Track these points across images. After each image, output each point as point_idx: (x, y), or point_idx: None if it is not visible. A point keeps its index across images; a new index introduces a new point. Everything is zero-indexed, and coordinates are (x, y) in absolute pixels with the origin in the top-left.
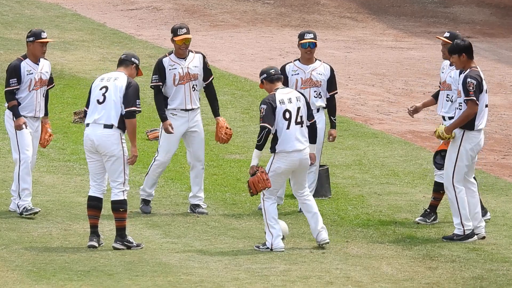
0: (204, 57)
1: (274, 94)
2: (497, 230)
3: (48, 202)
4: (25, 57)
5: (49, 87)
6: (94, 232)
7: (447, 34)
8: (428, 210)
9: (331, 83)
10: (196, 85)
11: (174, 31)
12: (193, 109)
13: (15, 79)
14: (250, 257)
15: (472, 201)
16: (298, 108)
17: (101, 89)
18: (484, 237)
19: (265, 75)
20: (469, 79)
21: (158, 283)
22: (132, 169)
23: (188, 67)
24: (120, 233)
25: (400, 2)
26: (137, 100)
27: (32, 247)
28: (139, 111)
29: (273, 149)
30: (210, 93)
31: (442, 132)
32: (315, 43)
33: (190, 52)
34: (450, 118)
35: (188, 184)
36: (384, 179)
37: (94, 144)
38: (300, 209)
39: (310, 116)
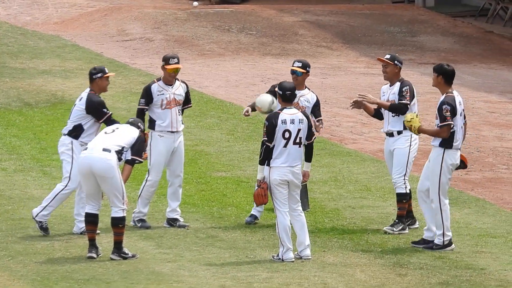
0: (187, 86)
1: (279, 113)
2: (461, 239)
3: (51, 217)
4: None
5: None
6: (93, 244)
7: (387, 56)
8: (396, 220)
9: (315, 112)
10: (179, 110)
11: (166, 60)
12: (178, 131)
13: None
14: (235, 266)
15: (444, 213)
16: (299, 130)
17: (112, 129)
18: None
19: (281, 92)
20: (444, 106)
21: None
22: (127, 186)
23: (174, 93)
24: (118, 246)
25: (371, 32)
26: (142, 153)
27: (36, 258)
28: (141, 162)
29: (268, 163)
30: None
31: (414, 127)
32: (301, 72)
33: (176, 80)
34: (399, 132)
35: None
36: (357, 193)
37: (90, 168)
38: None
39: (309, 136)
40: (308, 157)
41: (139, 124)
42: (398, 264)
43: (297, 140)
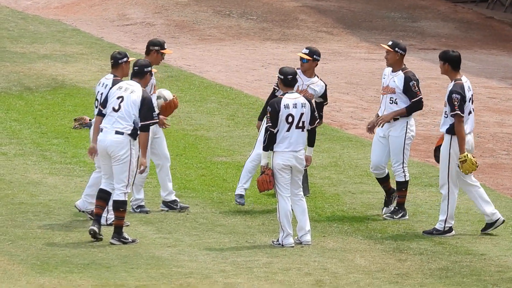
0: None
1: (281, 98)
2: (461, 225)
3: (51, 201)
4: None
5: None
6: (97, 220)
7: (390, 43)
8: (397, 207)
9: (323, 100)
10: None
11: (161, 45)
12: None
13: None
14: (235, 251)
15: (478, 193)
16: (301, 114)
17: (118, 98)
18: (503, 221)
19: (282, 76)
20: (453, 95)
21: (151, 274)
22: None
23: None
24: (118, 231)
25: (371, 18)
26: (153, 113)
27: (36, 242)
28: (157, 122)
29: (272, 148)
30: None
31: (465, 168)
32: (307, 59)
33: None
34: (395, 119)
35: (178, 184)
36: (357, 179)
37: (105, 149)
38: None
39: (312, 121)
40: (311, 142)
41: (145, 69)
42: (398, 249)
43: (300, 124)
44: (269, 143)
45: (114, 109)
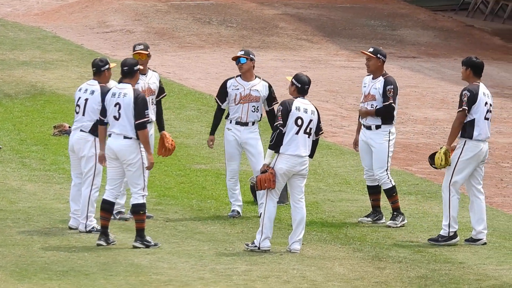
0: (159, 75)
1: (293, 100)
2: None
3: (30, 208)
4: None
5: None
6: (104, 232)
7: (370, 49)
8: (395, 213)
9: (269, 100)
10: (153, 99)
11: (133, 47)
12: (153, 121)
13: None
14: (214, 258)
15: (478, 207)
16: (310, 120)
17: (115, 105)
18: (485, 243)
19: (299, 85)
20: (464, 91)
21: (130, 282)
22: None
23: (148, 83)
24: (140, 234)
25: (351, 26)
26: (145, 111)
27: (15, 249)
28: (149, 120)
29: (277, 150)
30: (158, 109)
31: (441, 159)
32: (245, 58)
33: (149, 70)
34: (377, 126)
35: (158, 191)
36: (337, 187)
37: (114, 153)
38: (260, 214)
39: (318, 131)
40: (312, 153)
41: (134, 67)
42: (376, 257)
43: (308, 130)
44: (277, 142)
45: (115, 118)
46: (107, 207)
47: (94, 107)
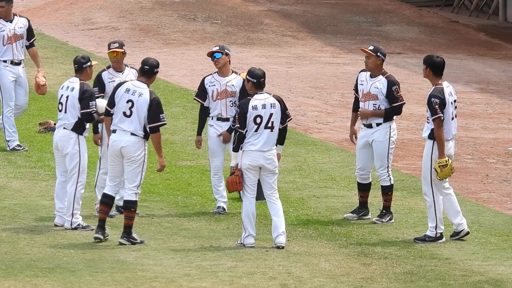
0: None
1: (250, 99)
2: (425, 230)
3: (16, 205)
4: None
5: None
6: (101, 226)
7: (371, 47)
8: (384, 211)
9: (242, 95)
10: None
11: (108, 45)
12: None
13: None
14: (200, 255)
15: (450, 202)
16: (271, 114)
17: (127, 102)
18: (468, 232)
19: (254, 80)
20: (432, 99)
21: (116, 278)
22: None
23: (124, 79)
24: (127, 231)
25: (336, 22)
26: (160, 115)
27: (0, 246)
28: (164, 124)
29: (240, 148)
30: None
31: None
32: (220, 53)
33: (126, 67)
34: (378, 124)
35: (143, 188)
36: (322, 183)
37: (119, 149)
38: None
39: (284, 120)
40: (281, 139)
41: (155, 69)
42: (362, 253)
43: (269, 125)
44: (239, 144)
45: (125, 114)
46: (107, 201)
47: (75, 104)
